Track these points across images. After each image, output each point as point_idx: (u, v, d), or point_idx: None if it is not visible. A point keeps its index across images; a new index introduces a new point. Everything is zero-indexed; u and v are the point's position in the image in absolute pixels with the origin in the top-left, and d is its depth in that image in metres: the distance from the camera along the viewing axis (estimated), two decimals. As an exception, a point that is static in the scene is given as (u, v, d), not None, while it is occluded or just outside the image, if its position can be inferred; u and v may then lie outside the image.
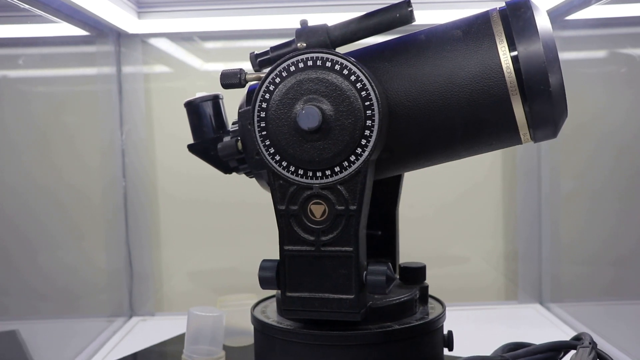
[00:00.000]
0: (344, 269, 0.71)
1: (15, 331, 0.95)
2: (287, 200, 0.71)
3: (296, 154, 0.70)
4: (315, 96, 0.69)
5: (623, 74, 1.08)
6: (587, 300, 1.19)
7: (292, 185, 0.71)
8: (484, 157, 1.29)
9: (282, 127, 0.69)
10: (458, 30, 0.71)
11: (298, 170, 0.70)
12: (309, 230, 0.71)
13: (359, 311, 0.71)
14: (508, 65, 0.68)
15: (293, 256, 0.72)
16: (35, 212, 1.00)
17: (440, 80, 0.70)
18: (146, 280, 1.29)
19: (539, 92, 0.68)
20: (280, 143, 0.70)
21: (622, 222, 1.07)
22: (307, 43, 0.73)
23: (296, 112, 0.69)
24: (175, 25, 1.25)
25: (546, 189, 1.26)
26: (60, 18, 1.04)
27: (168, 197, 1.31)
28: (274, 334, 0.75)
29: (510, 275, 1.32)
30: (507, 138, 0.73)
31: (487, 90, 0.68)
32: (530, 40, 0.67)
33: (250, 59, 0.75)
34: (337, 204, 0.70)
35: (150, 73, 1.30)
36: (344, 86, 0.68)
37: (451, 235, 1.31)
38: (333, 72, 0.69)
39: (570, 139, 1.21)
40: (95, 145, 1.22)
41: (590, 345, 0.78)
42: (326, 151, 0.69)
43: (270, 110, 0.70)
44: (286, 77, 0.70)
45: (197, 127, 0.82)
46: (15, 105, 0.97)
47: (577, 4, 1.10)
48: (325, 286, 0.71)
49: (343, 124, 0.68)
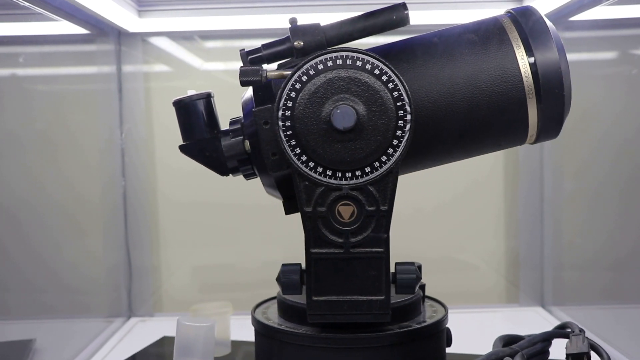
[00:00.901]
0: (374, 270, 0.70)
1: (32, 340, 0.94)
2: (313, 202, 0.69)
3: (326, 154, 0.68)
4: (347, 95, 0.68)
5: (627, 75, 1.08)
6: (589, 303, 1.19)
7: (319, 186, 0.69)
8: (486, 158, 1.28)
9: (310, 127, 0.68)
10: (473, 35, 0.73)
11: (326, 171, 0.69)
12: (337, 232, 0.70)
13: (389, 312, 0.71)
14: (526, 70, 0.71)
15: (320, 259, 0.70)
16: (34, 211, 1.00)
17: (461, 82, 0.72)
18: (145, 281, 1.28)
19: (554, 96, 0.72)
20: (308, 143, 0.68)
21: (625, 224, 1.07)
22: (303, 42, 0.73)
23: (327, 111, 0.68)
24: (176, 24, 1.25)
25: (548, 191, 1.25)
26: (60, 16, 1.04)
27: (167, 196, 1.30)
28: (287, 339, 0.74)
29: (512, 278, 1.32)
30: (515, 139, 0.77)
31: (505, 94, 0.72)
32: (547, 47, 0.72)
33: (241, 56, 0.74)
34: (367, 204, 0.70)
35: (150, 72, 1.29)
36: (376, 86, 0.68)
37: (452, 236, 1.30)
38: (364, 71, 0.68)
39: (574, 140, 1.20)
40: (95, 144, 1.22)
41: (581, 332, 0.82)
42: (358, 151, 0.68)
43: (298, 109, 0.68)
44: (314, 75, 0.68)
45: (189, 126, 0.78)
46: (15, 103, 0.96)
47: (581, 5, 1.09)
48: (353, 288, 0.71)
49: (376, 124, 0.68)
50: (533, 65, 0.71)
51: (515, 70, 0.72)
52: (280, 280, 0.72)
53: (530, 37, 0.72)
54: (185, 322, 0.84)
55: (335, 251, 0.70)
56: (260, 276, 0.85)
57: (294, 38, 0.73)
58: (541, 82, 0.71)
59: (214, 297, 1.31)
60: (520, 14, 0.74)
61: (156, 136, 1.29)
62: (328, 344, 0.72)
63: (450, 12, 1.22)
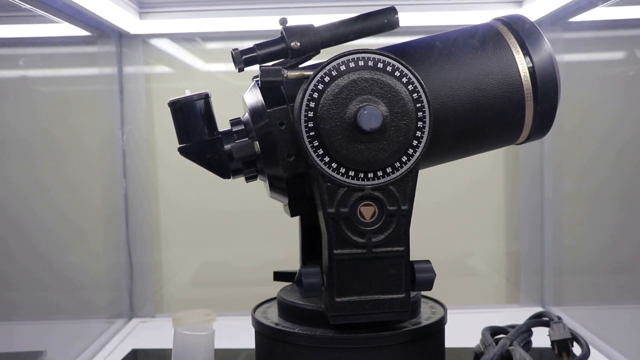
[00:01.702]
0: (395, 269, 0.71)
1: (43, 352, 0.93)
2: (336, 203, 0.70)
3: (350, 155, 0.69)
4: (370, 97, 0.69)
5: (626, 75, 1.08)
6: (589, 304, 1.19)
7: (341, 187, 0.70)
8: (487, 159, 1.29)
9: (334, 127, 0.68)
10: (474, 40, 0.77)
11: (349, 171, 0.70)
12: (359, 232, 0.70)
13: (409, 310, 0.72)
14: (525, 74, 0.75)
15: (342, 260, 0.70)
16: (35, 212, 1.00)
17: (467, 85, 0.74)
18: (146, 282, 1.28)
19: (549, 98, 0.77)
20: (332, 144, 0.69)
21: (625, 225, 1.07)
22: (300, 43, 0.73)
23: (351, 112, 0.68)
24: (177, 26, 1.25)
25: (549, 192, 1.26)
26: (61, 18, 1.04)
27: (169, 197, 1.30)
28: (297, 341, 0.74)
29: (512, 279, 1.32)
30: (510, 139, 0.81)
31: (507, 96, 0.75)
32: (543, 52, 0.76)
33: (235, 56, 0.74)
34: (388, 204, 0.71)
35: (151, 73, 1.30)
36: (398, 88, 0.69)
37: (452, 237, 1.31)
38: (386, 73, 0.69)
39: (573, 140, 1.21)
40: (96, 145, 1.22)
41: (560, 320, 0.88)
42: (381, 152, 0.69)
43: (321, 109, 0.68)
44: (337, 76, 0.69)
45: (188, 128, 0.76)
46: (17, 104, 0.97)
47: (581, 6, 1.10)
48: (375, 288, 0.71)
49: (398, 125, 0.69)
50: (531, 69, 0.75)
51: (516, 74, 0.75)
52: (302, 284, 0.71)
53: (527, 42, 0.76)
54: (184, 332, 0.81)
55: (357, 251, 0.71)
56: (262, 276, 0.85)
57: (290, 39, 0.74)
58: (539, 85, 0.75)
59: (214, 299, 1.31)
60: (513, 21, 0.78)
61: (157, 137, 1.29)
62: (340, 344, 0.73)
63: (448, 14, 1.22)
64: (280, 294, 0.82)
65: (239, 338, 1.00)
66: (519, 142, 0.82)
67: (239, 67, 0.74)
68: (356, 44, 0.76)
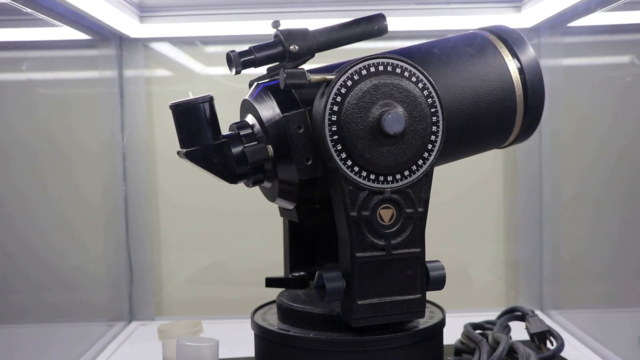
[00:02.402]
0: (411, 270, 0.73)
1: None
2: (357, 206, 0.70)
3: (372, 159, 0.70)
4: (390, 101, 0.70)
5: (625, 79, 1.09)
6: (588, 307, 1.19)
7: (363, 190, 0.70)
8: (485, 162, 1.29)
9: (357, 131, 0.69)
10: (469, 48, 0.80)
11: (370, 175, 0.70)
12: (379, 235, 0.71)
13: (424, 309, 0.74)
14: (517, 80, 0.79)
15: (364, 263, 0.71)
16: (35, 215, 1.00)
17: (467, 92, 0.77)
18: (146, 285, 1.28)
19: (537, 104, 0.81)
20: (355, 147, 0.69)
21: (623, 229, 1.07)
22: (298, 46, 0.74)
23: (373, 116, 0.69)
24: (177, 30, 1.25)
25: (547, 195, 1.26)
26: (62, 22, 1.04)
27: (169, 200, 1.30)
28: (298, 344, 0.74)
29: (511, 282, 1.32)
30: (498, 142, 0.85)
31: (502, 102, 0.79)
32: (531, 60, 0.80)
33: (233, 58, 0.74)
34: (406, 206, 0.72)
35: (151, 77, 1.30)
36: (415, 93, 0.71)
37: (451, 240, 1.31)
38: (404, 78, 0.71)
39: (572, 144, 1.21)
40: (97, 148, 1.22)
41: (534, 314, 0.94)
42: (401, 155, 0.70)
43: (345, 113, 0.69)
44: (359, 80, 0.70)
45: (193, 131, 0.74)
46: (19, 107, 0.97)
47: (578, 12, 1.10)
48: (393, 289, 0.72)
49: (416, 129, 0.71)
50: (522, 76, 0.79)
51: (509, 81, 0.79)
52: (325, 288, 0.71)
53: (517, 51, 0.80)
54: (187, 343, 0.79)
55: (377, 254, 0.71)
56: (262, 279, 0.86)
57: (288, 42, 0.74)
58: (529, 91, 0.80)
59: (214, 303, 1.31)
60: (502, 31, 0.83)
61: (157, 140, 1.29)
62: (341, 347, 0.73)
63: (448, 19, 1.23)
64: (279, 297, 0.83)
65: (238, 341, 1.01)
66: (504, 145, 0.86)
67: (237, 69, 0.75)
68: (346, 48, 0.78)
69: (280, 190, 0.76)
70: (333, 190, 0.71)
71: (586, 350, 1.04)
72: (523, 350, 0.82)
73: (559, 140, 1.23)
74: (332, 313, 0.75)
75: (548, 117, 1.24)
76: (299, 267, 0.87)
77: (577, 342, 1.07)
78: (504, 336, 0.86)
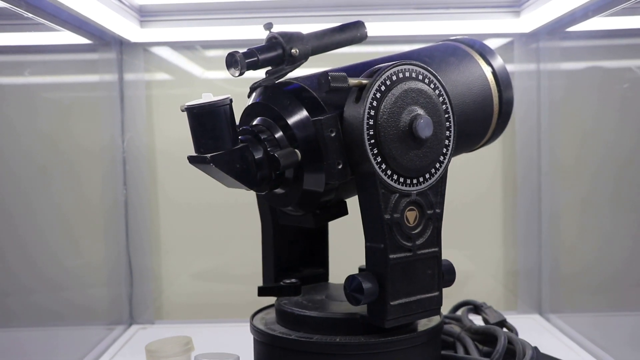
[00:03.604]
0: (430, 269, 0.75)
1: None
2: (390, 209, 0.72)
3: (403, 162, 0.72)
4: (416, 107, 0.72)
5: (621, 85, 1.09)
6: (586, 311, 1.19)
7: (394, 193, 0.72)
8: (486, 167, 1.30)
9: (392, 135, 0.71)
10: (453, 58, 0.84)
11: (400, 178, 0.72)
12: (407, 236, 0.73)
13: (441, 305, 0.77)
14: (494, 87, 0.86)
15: (395, 264, 0.73)
16: (35, 219, 1.01)
17: (457, 99, 0.81)
18: (146, 288, 1.29)
19: (507, 111, 0.87)
20: (390, 151, 0.71)
21: (621, 232, 1.08)
22: (298, 50, 0.75)
23: (404, 120, 0.71)
24: (177, 34, 1.26)
25: (547, 200, 1.26)
26: (63, 26, 1.05)
27: (169, 204, 1.31)
28: (298, 348, 0.75)
29: (510, 286, 1.32)
30: (473, 146, 0.90)
31: (483, 109, 0.85)
32: (503, 68, 0.87)
33: (239, 59, 0.73)
34: (427, 208, 0.74)
35: (152, 80, 1.30)
36: (434, 99, 0.74)
37: (450, 244, 1.31)
38: (425, 84, 0.73)
39: (571, 150, 1.21)
40: (97, 152, 1.23)
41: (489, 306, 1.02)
42: (425, 159, 0.73)
43: (382, 117, 0.70)
44: (391, 86, 0.71)
45: (217, 135, 0.69)
46: (20, 110, 0.97)
47: (574, 18, 1.11)
48: (417, 288, 0.74)
49: (436, 133, 0.73)
50: (498, 84, 0.85)
51: (488, 88, 0.85)
52: (363, 291, 0.71)
53: (490, 60, 0.86)
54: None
55: (405, 255, 0.73)
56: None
57: (289, 44, 0.74)
58: (503, 100, 0.86)
59: (214, 307, 1.32)
60: (472, 41, 0.88)
61: (157, 143, 1.30)
62: (339, 351, 0.74)
63: (448, 23, 1.23)
64: (279, 301, 0.83)
65: (236, 345, 1.01)
66: (474, 149, 0.91)
67: (242, 70, 0.74)
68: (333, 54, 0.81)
69: (304, 194, 0.76)
70: (364, 193, 0.72)
71: (585, 354, 1.04)
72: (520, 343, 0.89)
73: (558, 146, 1.23)
74: (334, 317, 0.76)
75: (547, 123, 1.24)
76: (282, 274, 0.87)
77: (576, 345, 1.08)
78: (497, 328, 0.91)
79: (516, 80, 1.27)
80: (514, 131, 1.28)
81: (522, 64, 1.27)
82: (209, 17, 1.22)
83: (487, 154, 1.29)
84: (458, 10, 1.21)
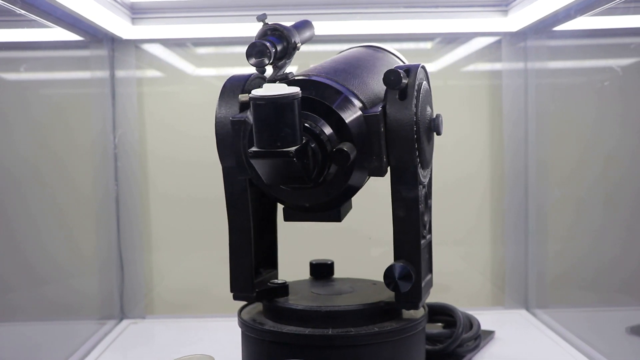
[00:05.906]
0: (428, 253, 0.83)
1: None
2: (421, 200, 0.76)
3: (426, 156, 0.77)
4: (428, 105, 0.78)
5: (607, 84, 1.10)
6: (572, 306, 1.21)
7: (421, 185, 0.77)
8: (472, 162, 1.31)
9: (422, 131, 0.75)
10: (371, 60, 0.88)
11: (422, 171, 0.77)
12: (423, 224, 0.78)
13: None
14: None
15: (423, 249, 0.78)
16: (26, 214, 1.01)
17: None
18: (137, 283, 1.29)
19: None
20: (421, 145, 0.75)
21: (607, 229, 1.09)
22: (300, 42, 0.77)
23: (425, 117, 0.76)
24: (169, 32, 1.26)
25: (533, 196, 1.27)
26: (55, 23, 1.05)
27: (160, 200, 1.31)
28: (285, 340, 0.76)
29: (497, 282, 1.34)
30: None
31: None
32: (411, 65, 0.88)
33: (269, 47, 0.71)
34: (428, 198, 0.81)
35: (143, 77, 1.31)
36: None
37: (438, 240, 1.32)
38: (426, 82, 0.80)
39: (557, 146, 1.23)
40: (88, 148, 1.23)
41: None
42: (431, 153, 0.80)
43: (418, 114, 0.74)
44: (420, 83, 0.75)
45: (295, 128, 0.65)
46: (10, 107, 0.98)
47: (558, 18, 1.12)
48: (426, 270, 0.81)
49: None
50: None
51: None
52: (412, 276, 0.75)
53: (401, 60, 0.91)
54: None
55: (426, 240, 0.79)
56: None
57: (295, 37, 0.75)
58: None
59: (205, 302, 1.32)
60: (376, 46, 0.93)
61: (148, 140, 1.30)
62: (327, 342, 0.75)
63: (439, 22, 1.24)
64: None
65: (227, 340, 1.01)
66: None
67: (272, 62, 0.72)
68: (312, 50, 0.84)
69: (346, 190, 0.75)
70: (404, 186, 0.74)
71: (571, 349, 1.05)
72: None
73: (544, 141, 1.24)
74: (327, 309, 0.77)
75: (534, 119, 1.26)
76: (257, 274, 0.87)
77: (562, 341, 1.08)
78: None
79: (504, 79, 1.28)
80: (501, 129, 1.29)
81: (509, 63, 1.29)
82: (200, 14, 1.22)
83: (475, 152, 1.31)
84: (446, 9, 1.22)
